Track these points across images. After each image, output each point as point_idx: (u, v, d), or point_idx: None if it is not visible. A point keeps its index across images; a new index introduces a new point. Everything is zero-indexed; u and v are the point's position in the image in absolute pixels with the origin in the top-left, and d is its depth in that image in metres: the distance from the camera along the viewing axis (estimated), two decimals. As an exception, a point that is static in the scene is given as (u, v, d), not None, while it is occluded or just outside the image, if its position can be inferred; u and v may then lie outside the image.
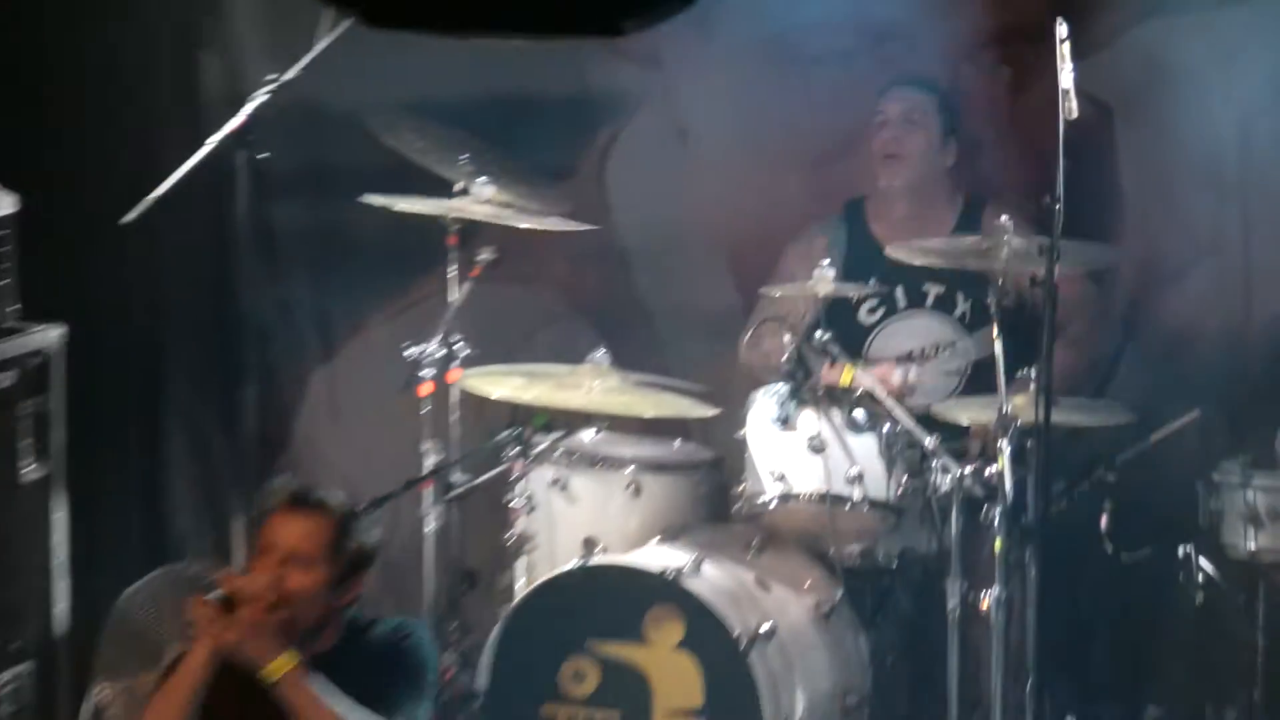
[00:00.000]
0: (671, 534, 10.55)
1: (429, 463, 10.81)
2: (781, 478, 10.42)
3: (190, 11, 11.92)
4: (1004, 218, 10.20)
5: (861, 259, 10.88)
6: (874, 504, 10.38)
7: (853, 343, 10.63)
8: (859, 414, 10.34)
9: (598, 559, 10.41)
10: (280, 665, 7.91)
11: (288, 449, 11.76)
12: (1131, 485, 10.39)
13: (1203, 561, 10.39)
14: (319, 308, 12.01)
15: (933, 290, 10.85)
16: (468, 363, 10.77)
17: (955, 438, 10.38)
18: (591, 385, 10.68)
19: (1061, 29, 9.60)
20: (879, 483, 10.38)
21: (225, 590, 8.05)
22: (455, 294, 10.78)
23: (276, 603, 7.98)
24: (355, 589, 8.28)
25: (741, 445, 10.59)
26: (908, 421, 10.23)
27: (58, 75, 11.68)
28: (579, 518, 10.68)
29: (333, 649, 8.15)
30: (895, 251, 10.53)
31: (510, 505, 10.76)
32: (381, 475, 10.90)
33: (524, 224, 10.87)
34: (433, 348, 10.69)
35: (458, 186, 10.83)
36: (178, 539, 11.77)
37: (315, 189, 11.83)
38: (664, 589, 10.00)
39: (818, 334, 10.38)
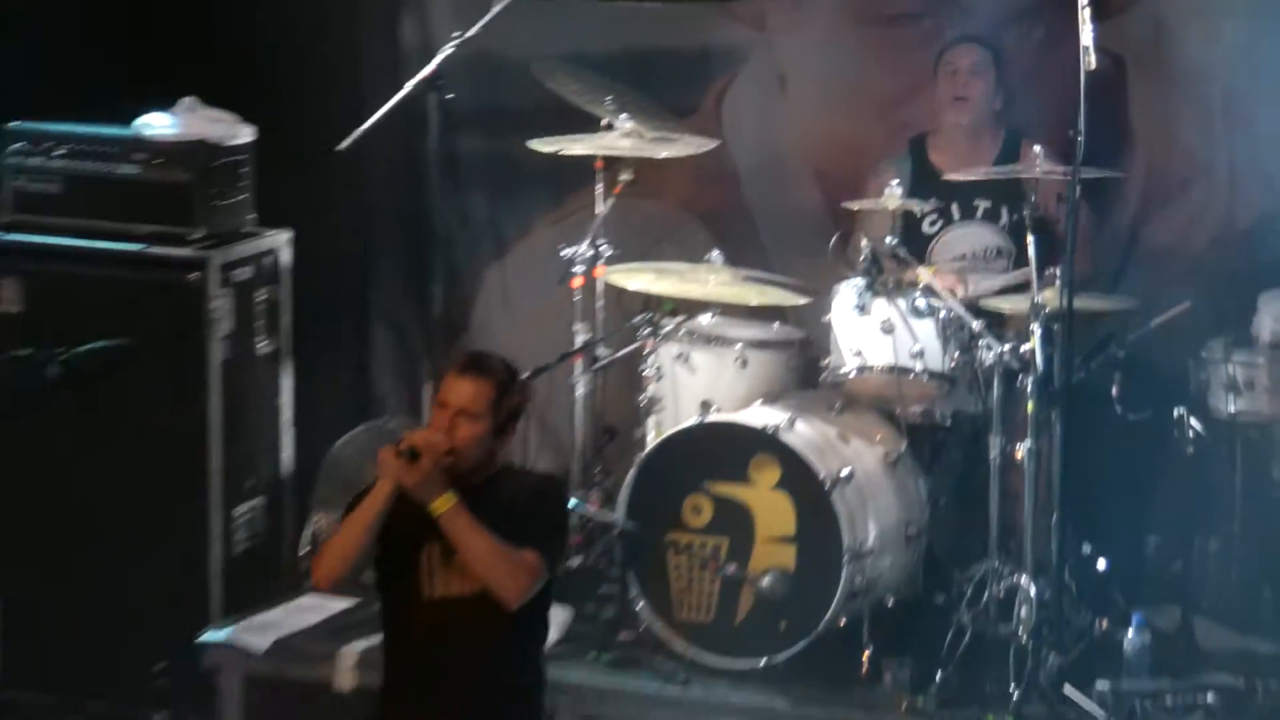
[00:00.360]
0: (771, 397, 10.74)
1: (579, 340, 11.07)
2: (859, 353, 10.59)
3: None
4: (1037, 148, 10.45)
5: (923, 182, 10.96)
6: (932, 374, 10.54)
7: (917, 248, 10.77)
8: (921, 303, 10.45)
9: (712, 417, 10.58)
10: (443, 503, 8.01)
11: (467, 329, 11.90)
12: (1136, 360, 10.54)
13: (1193, 420, 10.54)
14: (493, 218, 12.13)
15: (981, 206, 10.96)
16: (610, 261, 11.03)
17: (997, 322, 10.47)
18: (708, 279, 10.86)
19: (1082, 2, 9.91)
20: (936, 357, 10.51)
21: (408, 443, 8.10)
22: (601, 207, 11.02)
23: (447, 452, 8.08)
24: (509, 438, 8.36)
25: (827, 327, 10.73)
26: (959, 309, 10.39)
27: (287, 35, 11.80)
28: (697, 385, 10.84)
29: (488, 487, 8.20)
30: (952, 175, 10.76)
31: (643, 374, 10.95)
32: (541, 350, 11.04)
33: (657, 154, 11.01)
34: (583, 249, 10.97)
35: (604, 122, 11.05)
36: (379, 400, 12.04)
37: (491, 124, 11.92)
38: (765, 441, 10.28)
39: (889, 240, 10.56)
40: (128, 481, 11.13)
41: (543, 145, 11.03)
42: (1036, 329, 10.17)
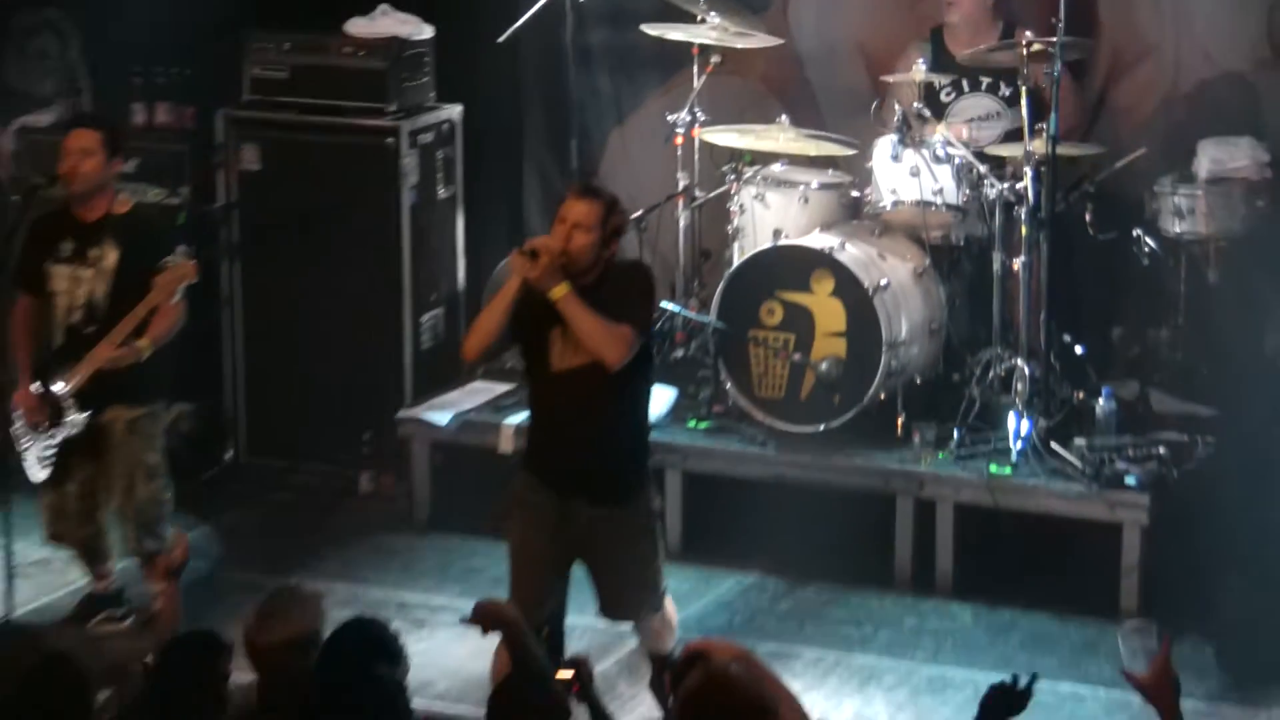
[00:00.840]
0: (827, 226, 10.75)
1: (680, 184, 11.09)
2: (893, 191, 10.63)
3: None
4: (1028, 34, 10.44)
5: (941, 62, 10.87)
6: (949, 206, 10.57)
7: (936, 112, 10.72)
8: (940, 152, 10.49)
9: (782, 242, 10.61)
10: (559, 290, 8.03)
11: (596, 177, 11.61)
12: (1104, 193, 10.58)
13: (1147, 239, 10.53)
14: (615, 92, 12.04)
15: (985, 80, 10.88)
16: (704, 124, 11.02)
17: (998, 166, 10.55)
18: (778, 137, 10.92)
19: None
20: (952, 193, 10.54)
21: (530, 246, 8.16)
22: (697, 83, 11.03)
23: (562, 254, 8.09)
24: (614, 249, 8.29)
25: (869, 172, 10.78)
26: (969, 156, 10.49)
27: None
28: (770, 217, 10.80)
29: (596, 285, 8.16)
30: (961, 57, 10.80)
31: (729, 210, 10.91)
32: (652, 193, 11.16)
33: (739, 44, 11.14)
34: (683, 115, 11.00)
35: (699, 18, 11.04)
36: (530, 232, 11.61)
37: (612, 19, 11.81)
38: (823, 259, 10.36)
39: (915, 105, 10.64)
40: (343, 296, 11.33)
41: (652, 29, 11.08)
42: (1028, 170, 10.28)
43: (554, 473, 8.38)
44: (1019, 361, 10.40)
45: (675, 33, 11.12)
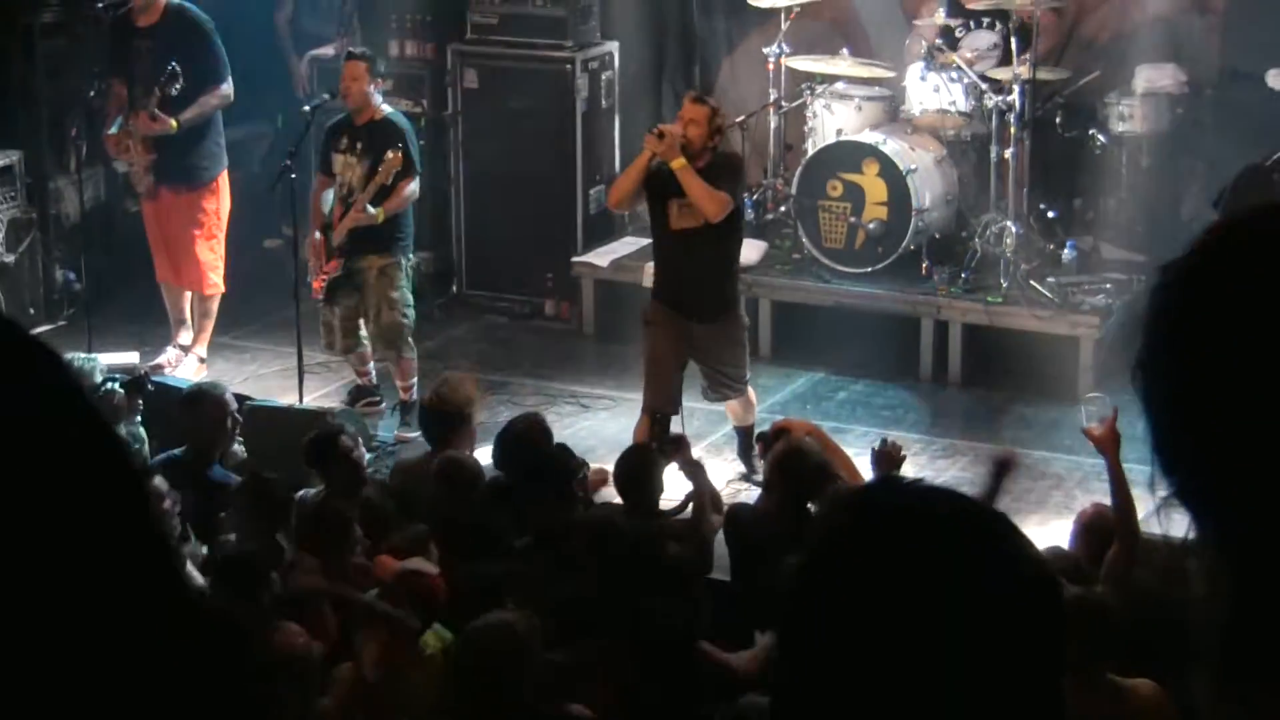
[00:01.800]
0: (874, 126, 10.56)
1: (772, 96, 10.81)
2: (921, 102, 10.49)
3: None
4: None
5: (955, 9, 10.59)
6: (960, 113, 10.43)
7: (951, 44, 10.48)
8: (954, 74, 10.35)
9: (843, 138, 10.45)
10: (679, 162, 8.14)
11: (712, 93, 10.94)
12: (1070, 105, 10.39)
13: (1100, 136, 10.38)
14: (727, 30, 11.75)
15: (986, 20, 10.60)
16: (789, 55, 10.77)
17: (996, 83, 10.25)
18: (841, 64, 10.76)
19: None
20: (963, 103, 10.41)
21: (659, 129, 8.36)
22: (784, 25, 10.76)
23: (681, 137, 8.20)
24: (717, 141, 8.40)
25: (904, 89, 10.64)
26: (974, 77, 10.29)
27: None
28: (835, 120, 10.66)
29: (706, 167, 8.24)
30: (970, 2, 10.51)
31: (805, 115, 10.77)
32: (752, 102, 10.99)
33: None
34: (775, 48, 10.75)
35: None
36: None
37: None
38: (871, 150, 10.26)
39: (936, 40, 10.47)
40: (534, 176, 11.12)
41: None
42: (1015, 86, 10.07)
43: (674, 300, 8.48)
44: (1008, 223, 10.20)
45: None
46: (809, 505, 6.67)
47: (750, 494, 8.19)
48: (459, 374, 8.45)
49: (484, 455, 7.56)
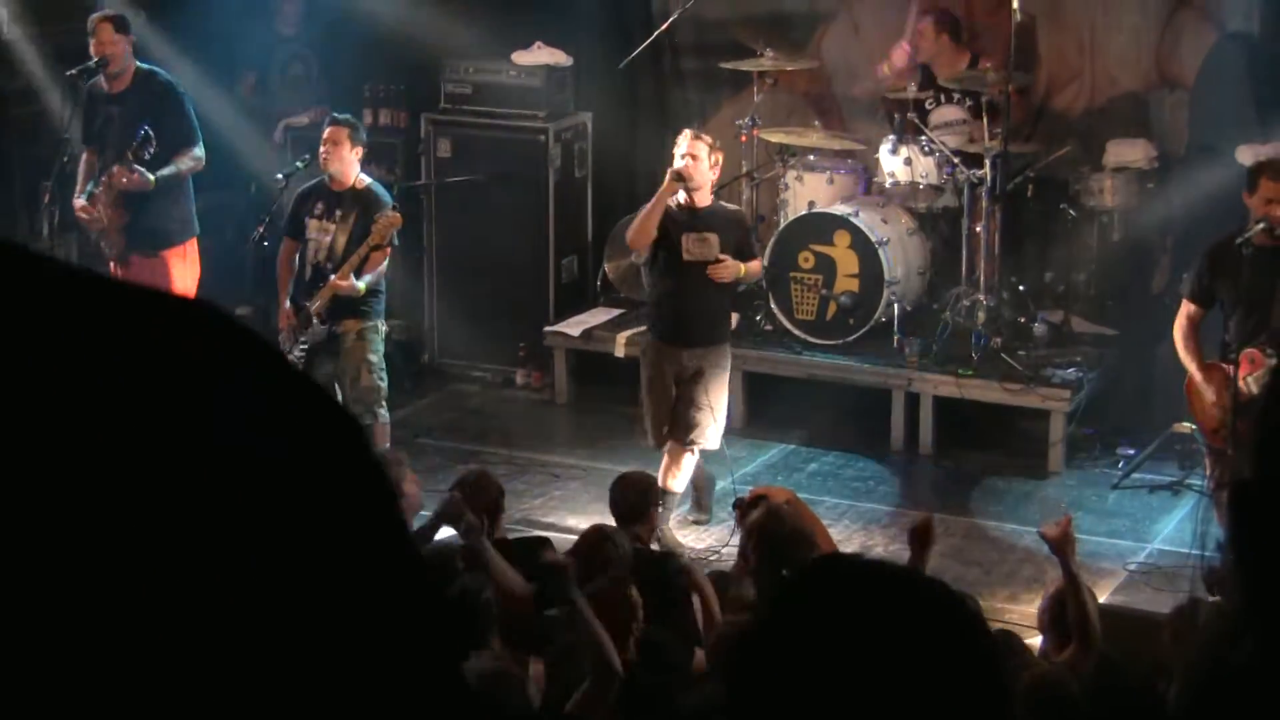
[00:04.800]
0: (845, 199, 10.58)
1: (744, 169, 10.69)
2: (892, 174, 10.46)
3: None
4: (987, 64, 10.37)
5: (926, 83, 10.63)
6: (932, 186, 10.42)
7: (923, 118, 10.39)
8: (926, 147, 10.32)
9: (815, 209, 10.45)
10: (737, 271, 8.78)
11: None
12: (1042, 179, 10.33)
13: (1071, 210, 10.34)
14: (700, 101, 11.72)
15: (957, 95, 10.56)
16: (761, 126, 10.66)
17: (967, 157, 10.24)
18: (812, 135, 10.68)
19: None
20: (934, 177, 10.40)
21: (678, 171, 8.67)
22: (756, 97, 10.72)
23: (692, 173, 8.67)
24: (716, 173, 8.86)
25: (877, 161, 10.57)
26: (946, 150, 10.26)
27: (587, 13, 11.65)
28: (806, 192, 10.65)
29: (717, 222, 8.77)
30: (942, 77, 10.57)
31: (778, 186, 10.69)
32: (725, 174, 10.14)
33: (786, 68, 10.88)
34: (746, 120, 10.67)
35: (758, 52, 10.73)
36: (640, 203, 11.64)
37: (701, 53, 11.52)
38: (843, 221, 10.26)
39: (909, 114, 10.40)
40: (507, 245, 11.16)
41: (727, 64, 10.91)
42: (987, 161, 10.08)
43: (671, 330, 8.81)
44: (980, 296, 10.24)
45: (743, 65, 10.86)
46: (783, 573, 6.66)
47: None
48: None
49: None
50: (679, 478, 8.85)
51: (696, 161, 8.68)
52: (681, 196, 8.72)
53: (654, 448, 8.91)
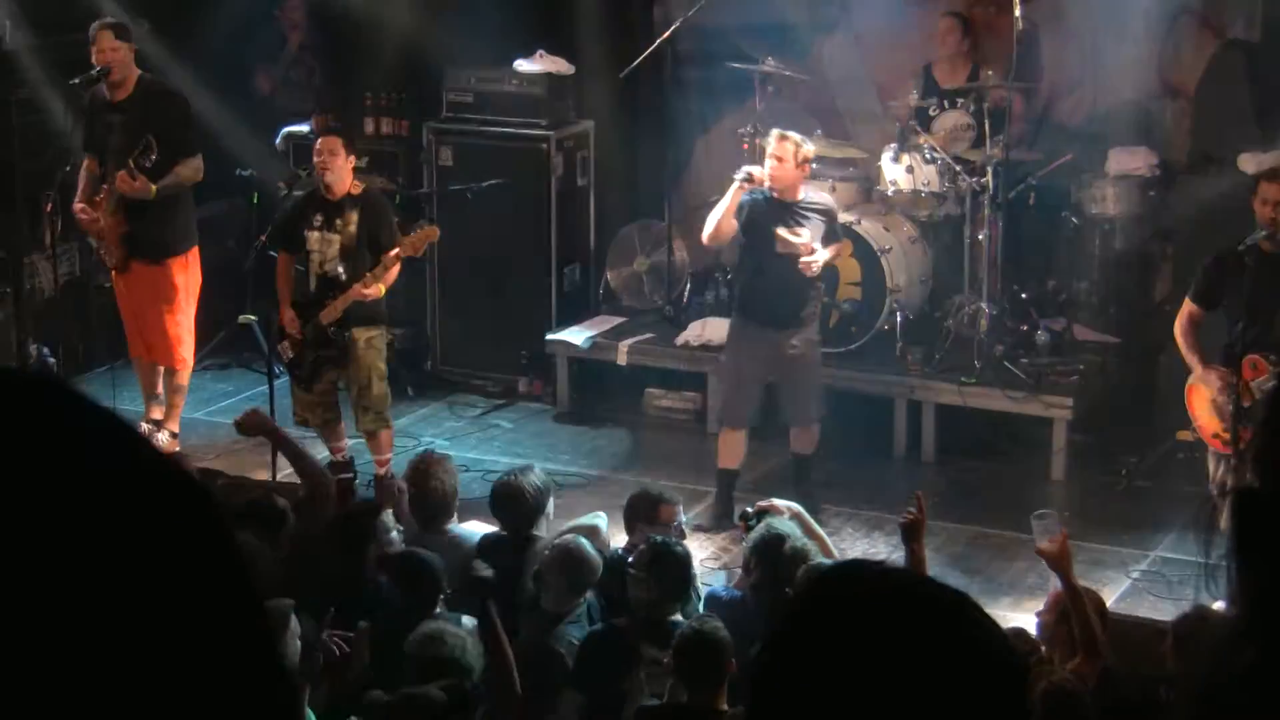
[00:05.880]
0: (848, 207, 10.45)
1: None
2: (894, 182, 10.46)
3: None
4: (989, 72, 10.46)
5: (930, 89, 10.76)
6: (934, 194, 10.42)
7: (925, 125, 10.54)
8: (928, 155, 10.34)
9: None
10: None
11: (688, 168, 11.76)
12: (1044, 187, 10.41)
13: (1072, 218, 10.44)
14: (702, 111, 11.81)
15: (959, 101, 10.64)
16: (762, 135, 10.26)
17: (969, 165, 10.30)
18: (817, 144, 10.72)
19: None
20: (936, 184, 10.38)
21: (747, 174, 9.06)
22: (759, 106, 10.75)
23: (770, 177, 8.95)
24: (805, 170, 9.18)
25: (879, 169, 10.58)
26: (948, 158, 10.31)
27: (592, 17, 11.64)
28: None
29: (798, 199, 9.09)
30: (944, 84, 10.77)
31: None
32: (726, 183, 10.89)
33: (789, 75, 10.92)
34: (748, 128, 10.65)
35: (760, 61, 10.82)
36: (642, 211, 11.66)
37: (701, 60, 11.62)
38: (845, 230, 9.94)
39: (911, 122, 10.54)
40: (509, 254, 11.19)
41: (737, 65, 10.91)
42: (989, 169, 10.12)
43: (766, 314, 9.09)
44: (982, 304, 10.25)
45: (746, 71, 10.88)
46: (786, 588, 6.66)
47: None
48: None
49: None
50: (807, 440, 9.33)
51: (781, 163, 8.93)
52: (772, 190, 9.03)
53: (721, 428, 9.31)
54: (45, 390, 1.14)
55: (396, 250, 9.13)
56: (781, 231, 9.02)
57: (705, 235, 9.38)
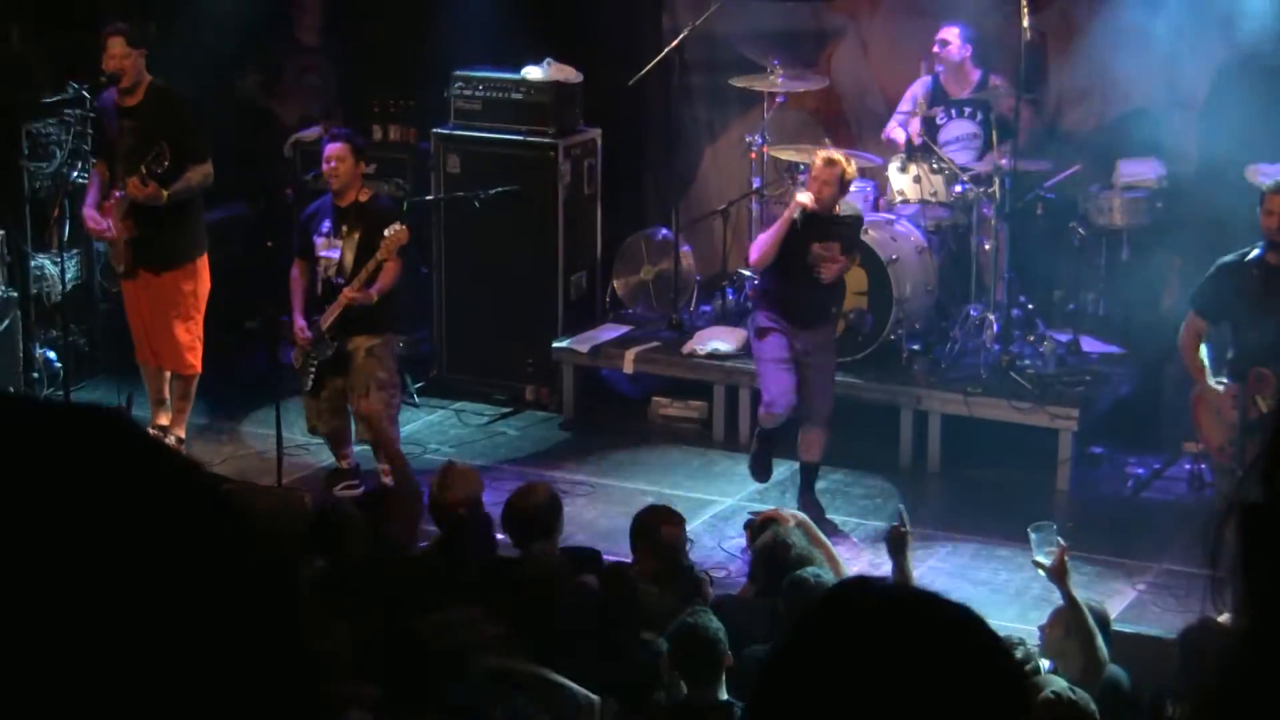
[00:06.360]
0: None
1: (754, 185, 10.81)
2: (901, 191, 10.52)
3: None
4: (997, 81, 10.47)
5: (938, 97, 10.72)
6: (941, 203, 10.45)
7: (932, 134, 10.53)
8: (934, 164, 10.36)
9: None
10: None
11: (694, 180, 11.73)
12: (1051, 198, 10.40)
13: (1080, 229, 10.37)
14: (709, 120, 11.80)
15: (967, 110, 10.65)
16: (771, 144, 10.71)
17: (975, 176, 10.28)
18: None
19: (1024, 1, 9.96)
20: (943, 194, 10.41)
21: (800, 204, 9.11)
22: (766, 114, 10.78)
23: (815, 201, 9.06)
24: (845, 192, 9.35)
25: (886, 178, 10.65)
26: (954, 167, 10.32)
27: (600, 28, 11.75)
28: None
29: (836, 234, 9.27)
30: (952, 93, 10.72)
31: (786, 202, 10.14)
32: (733, 191, 11.03)
33: (799, 87, 10.91)
34: (757, 137, 10.79)
35: (768, 70, 10.77)
36: (647, 220, 11.72)
37: (709, 69, 11.58)
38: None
39: (918, 131, 10.53)
40: (516, 261, 11.17)
41: (737, 81, 10.89)
42: (997, 178, 10.13)
43: (792, 313, 9.27)
44: (989, 314, 10.27)
45: (753, 83, 10.85)
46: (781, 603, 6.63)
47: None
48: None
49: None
50: (815, 447, 9.43)
51: (829, 189, 9.07)
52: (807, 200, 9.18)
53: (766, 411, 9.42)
54: (110, 426, 1.18)
55: (375, 257, 9.17)
56: (817, 248, 9.17)
57: (754, 259, 9.50)
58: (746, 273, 10.85)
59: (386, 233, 9.18)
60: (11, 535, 1.09)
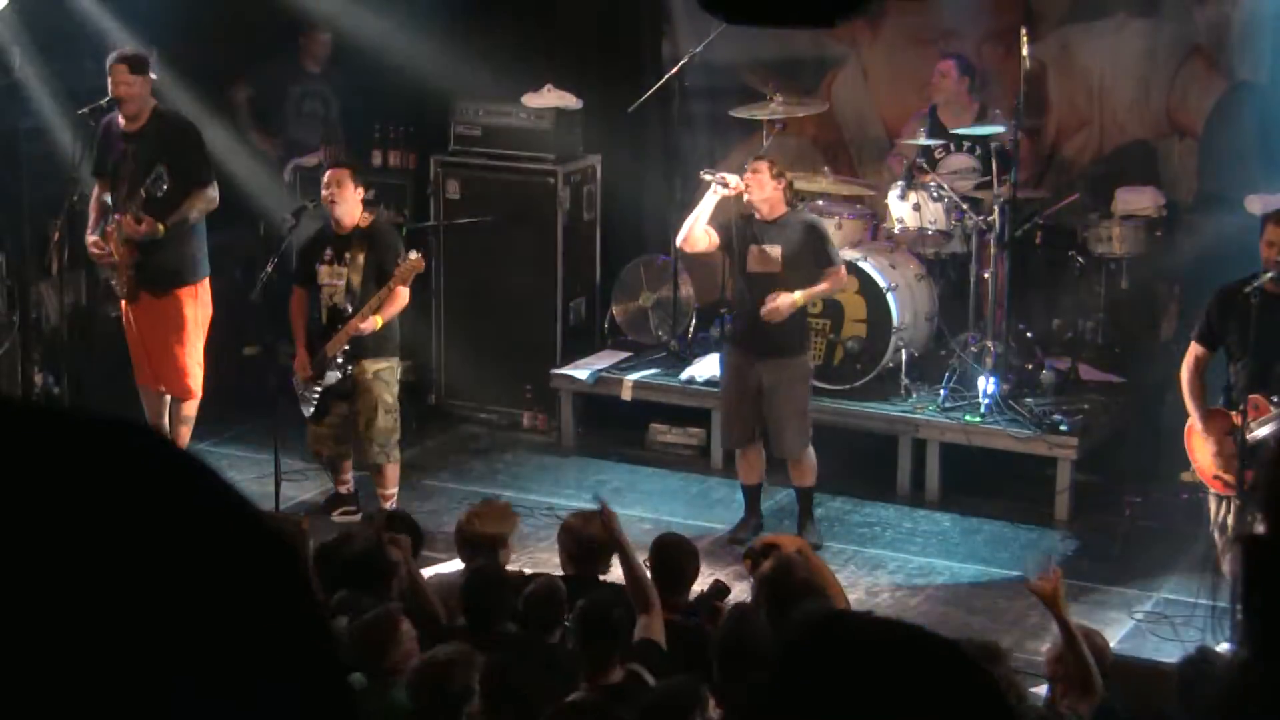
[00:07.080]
0: (854, 244, 10.51)
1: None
2: (901, 220, 10.50)
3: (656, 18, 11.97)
4: (997, 111, 10.39)
5: (935, 130, 10.74)
6: (940, 232, 10.42)
7: (931, 165, 10.54)
8: (934, 193, 10.37)
9: None
10: (795, 300, 9.11)
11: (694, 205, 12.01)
12: (1050, 226, 10.36)
13: (1079, 257, 10.39)
14: (709, 147, 11.75)
15: (965, 144, 10.65)
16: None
17: (975, 204, 10.34)
18: (822, 180, 10.73)
19: (1024, 31, 10.08)
20: (942, 223, 10.41)
21: (723, 179, 9.14)
22: (766, 141, 10.62)
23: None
24: (785, 191, 9.24)
25: (886, 206, 10.65)
26: (954, 196, 10.32)
27: (599, 50, 11.80)
28: None
29: (784, 217, 9.22)
30: (950, 125, 10.72)
31: None
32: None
33: (796, 113, 10.84)
34: (731, 177, 10.57)
35: (768, 97, 10.68)
36: (645, 247, 11.70)
37: (709, 97, 11.63)
38: (851, 267, 9.99)
39: (917, 160, 10.56)
40: (515, 287, 11.18)
41: (737, 112, 10.83)
42: (996, 207, 10.13)
43: (744, 340, 9.18)
44: (988, 342, 10.27)
45: (754, 111, 10.80)
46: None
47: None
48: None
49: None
50: (802, 473, 9.40)
51: (756, 175, 9.01)
52: (749, 207, 9.12)
53: (728, 448, 9.60)
54: (131, 434, 1.16)
55: (389, 285, 9.18)
56: (754, 249, 9.12)
57: (679, 238, 9.52)
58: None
59: (401, 260, 9.20)
60: (51, 545, 1.08)
